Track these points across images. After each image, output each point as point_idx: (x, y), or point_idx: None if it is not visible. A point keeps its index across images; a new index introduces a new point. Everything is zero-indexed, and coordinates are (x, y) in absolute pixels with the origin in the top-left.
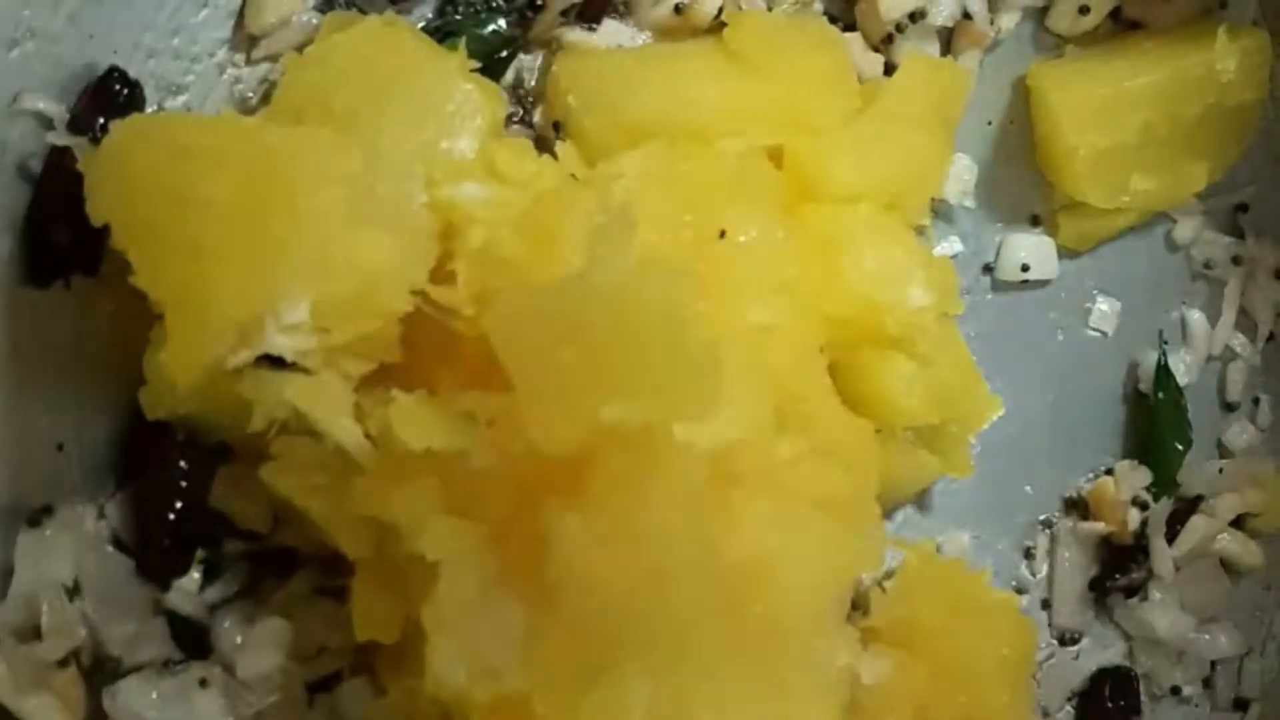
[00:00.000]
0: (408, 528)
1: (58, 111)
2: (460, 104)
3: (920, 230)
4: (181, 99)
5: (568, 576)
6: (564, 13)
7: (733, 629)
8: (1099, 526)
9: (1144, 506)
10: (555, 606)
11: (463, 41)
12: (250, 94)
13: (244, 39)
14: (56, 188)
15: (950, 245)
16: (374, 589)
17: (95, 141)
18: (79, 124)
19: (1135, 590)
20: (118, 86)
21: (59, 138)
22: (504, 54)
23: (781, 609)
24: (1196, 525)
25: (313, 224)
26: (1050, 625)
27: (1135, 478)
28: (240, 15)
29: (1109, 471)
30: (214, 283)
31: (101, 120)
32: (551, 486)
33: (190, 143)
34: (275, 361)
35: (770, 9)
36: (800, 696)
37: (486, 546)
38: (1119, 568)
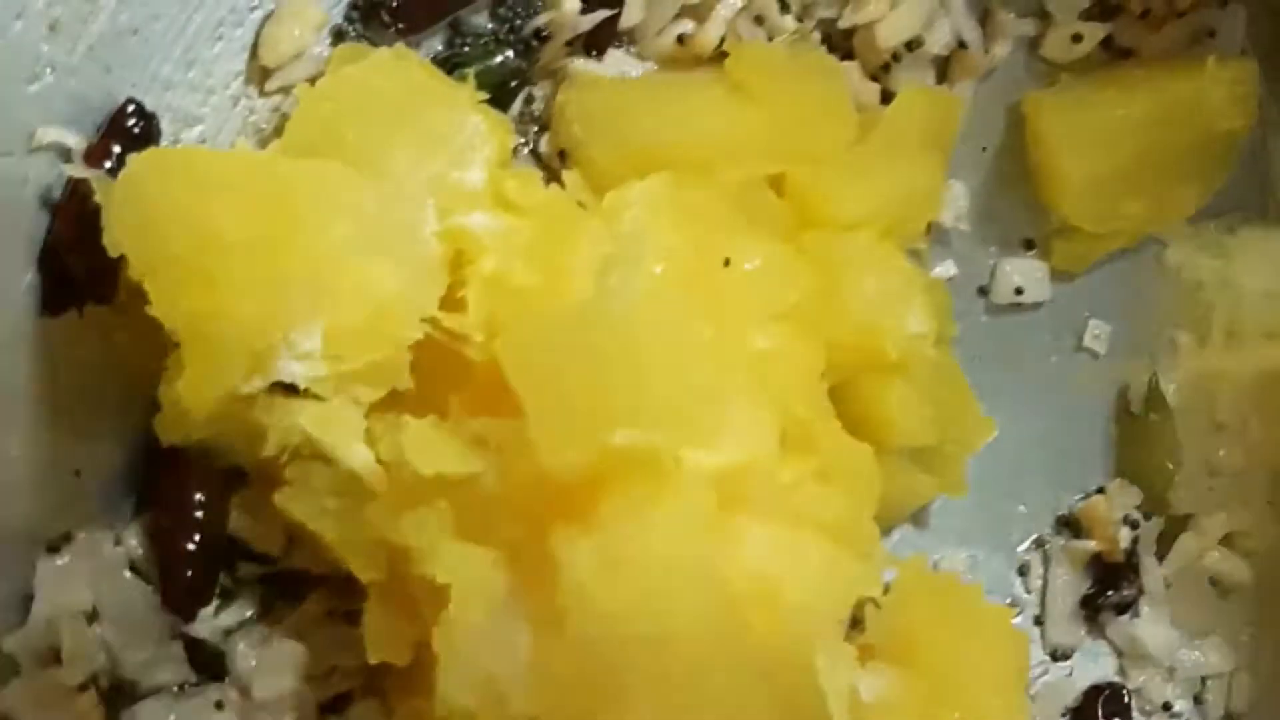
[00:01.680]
0: (419, 551)
1: (76, 143)
2: (470, 135)
3: (916, 254)
4: (197, 130)
5: (576, 602)
6: (569, 43)
7: (736, 651)
8: (1090, 544)
9: (1135, 525)
10: (563, 631)
11: (471, 72)
12: (264, 125)
13: (257, 71)
14: (73, 219)
15: (945, 269)
16: (386, 611)
17: (112, 173)
18: (96, 156)
19: (1127, 607)
20: (133, 119)
21: (76, 170)
22: (512, 84)
23: (784, 630)
24: (1186, 543)
25: (325, 254)
26: (1043, 641)
27: (1126, 496)
28: (254, 48)
29: (1100, 490)
30: (229, 312)
31: (119, 150)
32: (560, 512)
33: (206, 175)
34: (288, 388)
35: (770, 39)
36: (803, 717)
37: (496, 571)
38: (1110, 585)
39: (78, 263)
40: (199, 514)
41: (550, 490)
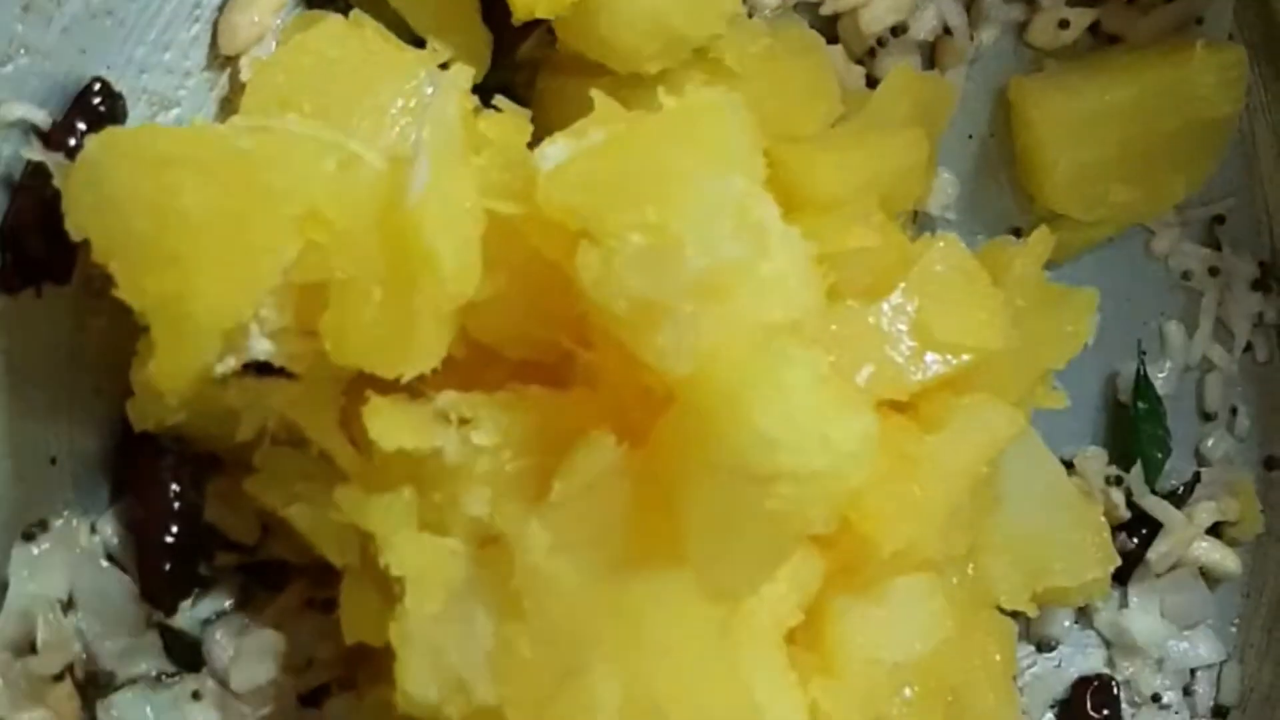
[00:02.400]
0: (379, 541)
1: (43, 120)
2: (430, 98)
3: None
4: (174, 113)
5: (532, 582)
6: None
7: (700, 622)
8: None
9: (1119, 480)
10: (522, 614)
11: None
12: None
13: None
14: (33, 201)
15: None
16: (362, 592)
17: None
18: (60, 134)
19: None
20: (99, 98)
21: (33, 152)
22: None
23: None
24: (1174, 533)
25: (292, 227)
26: (1029, 632)
27: (1095, 463)
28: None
29: (1070, 465)
30: (196, 291)
31: (84, 129)
32: (514, 492)
33: (166, 153)
34: (262, 369)
35: (751, 15)
36: (768, 688)
37: (454, 559)
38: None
39: (37, 245)
40: (175, 504)
41: (508, 468)
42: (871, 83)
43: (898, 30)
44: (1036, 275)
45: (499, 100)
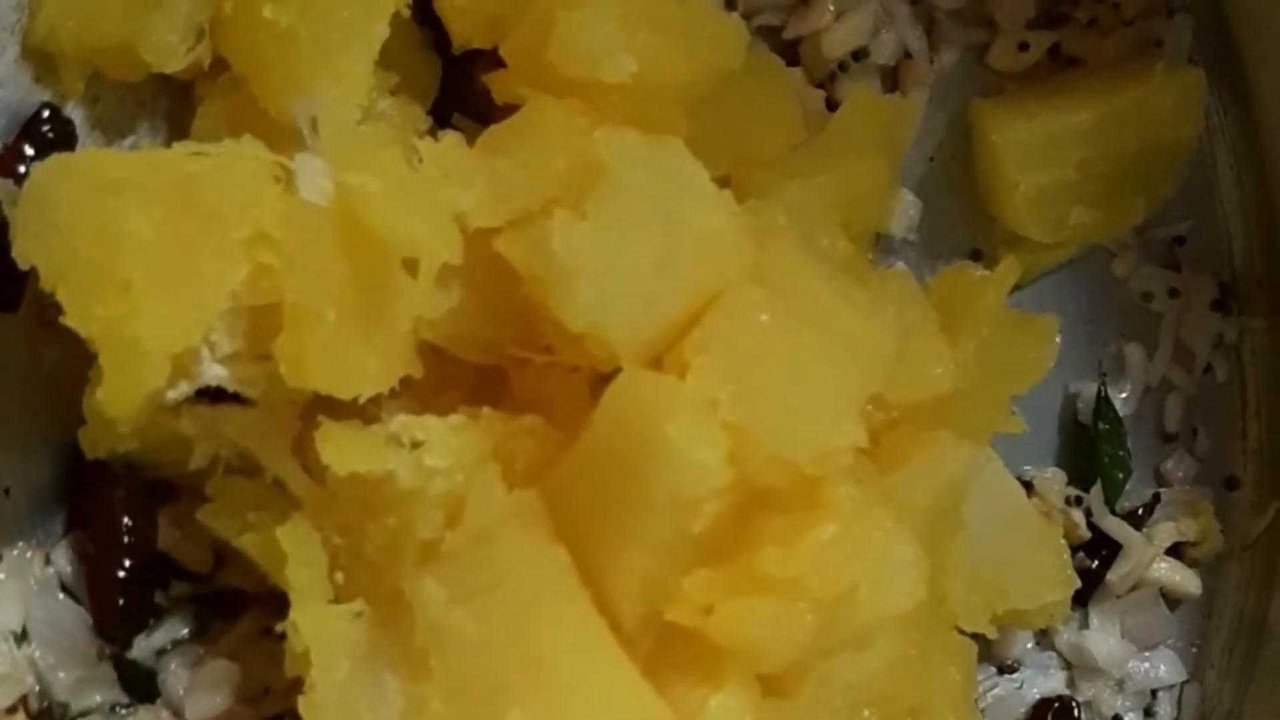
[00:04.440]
0: (292, 604)
1: None
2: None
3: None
4: (129, 140)
5: (435, 638)
6: None
7: (607, 653)
8: None
9: (1078, 500)
10: (430, 671)
11: None
12: None
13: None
14: None
15: None
16: None
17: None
18: (9, 161)
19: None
20: (47, 125)
21: None
22: None
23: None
24: (1135, 554)
25: (240, 250)
26: (989, 654)
27: (1054, 483)
28: None
29: (1029, 485)
30: (145, 317)
31: (32, 155)
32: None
33: (112, 178)
34: (216, 395)
35: None
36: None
37: (356, 624)
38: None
39: None
40: (126, 539)
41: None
42: (831, 106)
43: (859, 54)
44: (1001, 304)
45: (457, 119)
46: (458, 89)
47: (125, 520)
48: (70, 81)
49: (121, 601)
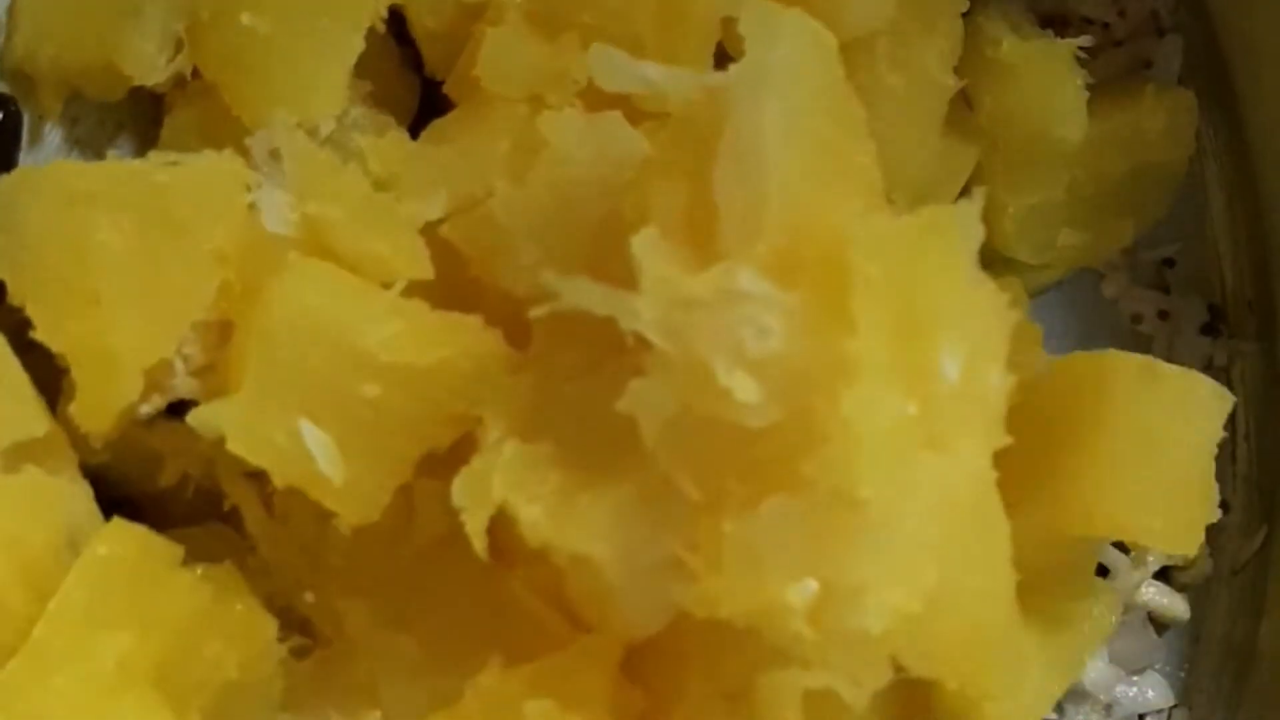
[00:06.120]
0: None
1: None
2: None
3: None
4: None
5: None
6: None
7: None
8: None
9: None
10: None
11: None
12: None
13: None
14: None
15: None
16: None
17: None
18: None
19: None
20: None
21: None
22: None
23: None
24: (1122, 577)
25: (210, 262)
26: None
27: None
28: None
29: None
30: (117, 330)
31: None
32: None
33: (80, 190)
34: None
35: None
36: None
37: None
38: None
39: None
40: None
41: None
42: None
43: None
44: None
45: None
46: (438, 109)
47: None
48: (49, 103)
49: None
